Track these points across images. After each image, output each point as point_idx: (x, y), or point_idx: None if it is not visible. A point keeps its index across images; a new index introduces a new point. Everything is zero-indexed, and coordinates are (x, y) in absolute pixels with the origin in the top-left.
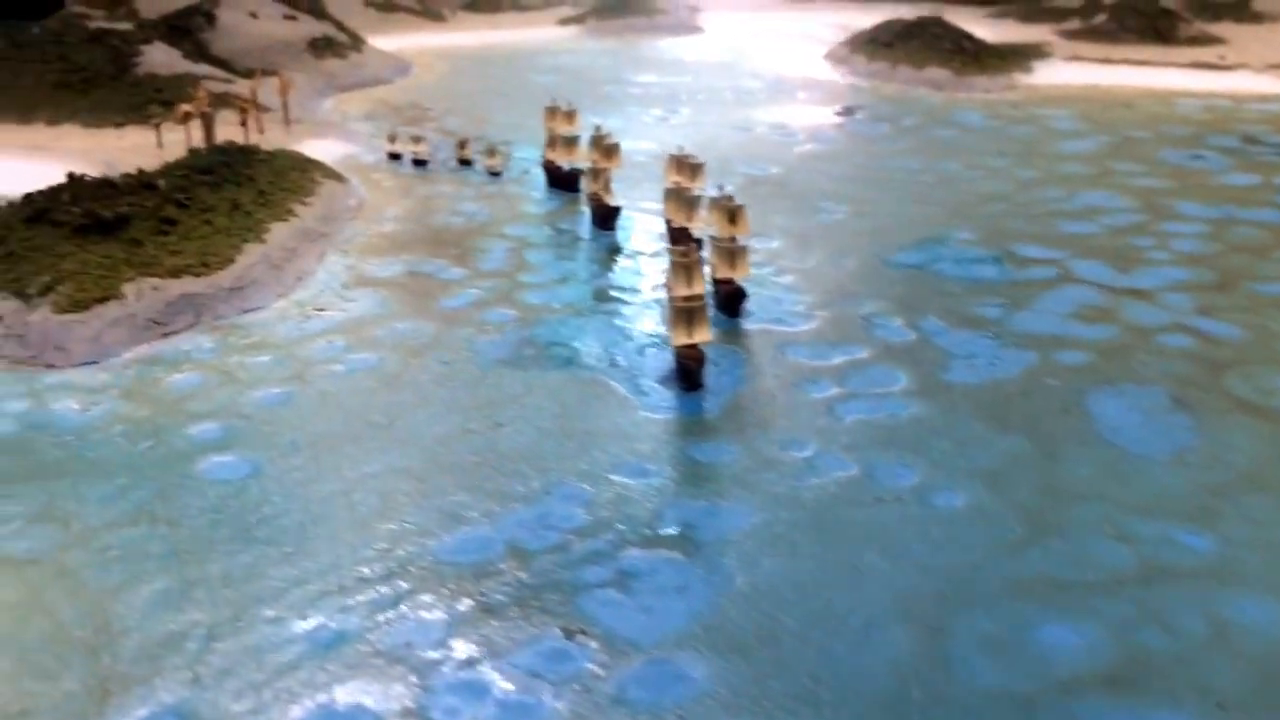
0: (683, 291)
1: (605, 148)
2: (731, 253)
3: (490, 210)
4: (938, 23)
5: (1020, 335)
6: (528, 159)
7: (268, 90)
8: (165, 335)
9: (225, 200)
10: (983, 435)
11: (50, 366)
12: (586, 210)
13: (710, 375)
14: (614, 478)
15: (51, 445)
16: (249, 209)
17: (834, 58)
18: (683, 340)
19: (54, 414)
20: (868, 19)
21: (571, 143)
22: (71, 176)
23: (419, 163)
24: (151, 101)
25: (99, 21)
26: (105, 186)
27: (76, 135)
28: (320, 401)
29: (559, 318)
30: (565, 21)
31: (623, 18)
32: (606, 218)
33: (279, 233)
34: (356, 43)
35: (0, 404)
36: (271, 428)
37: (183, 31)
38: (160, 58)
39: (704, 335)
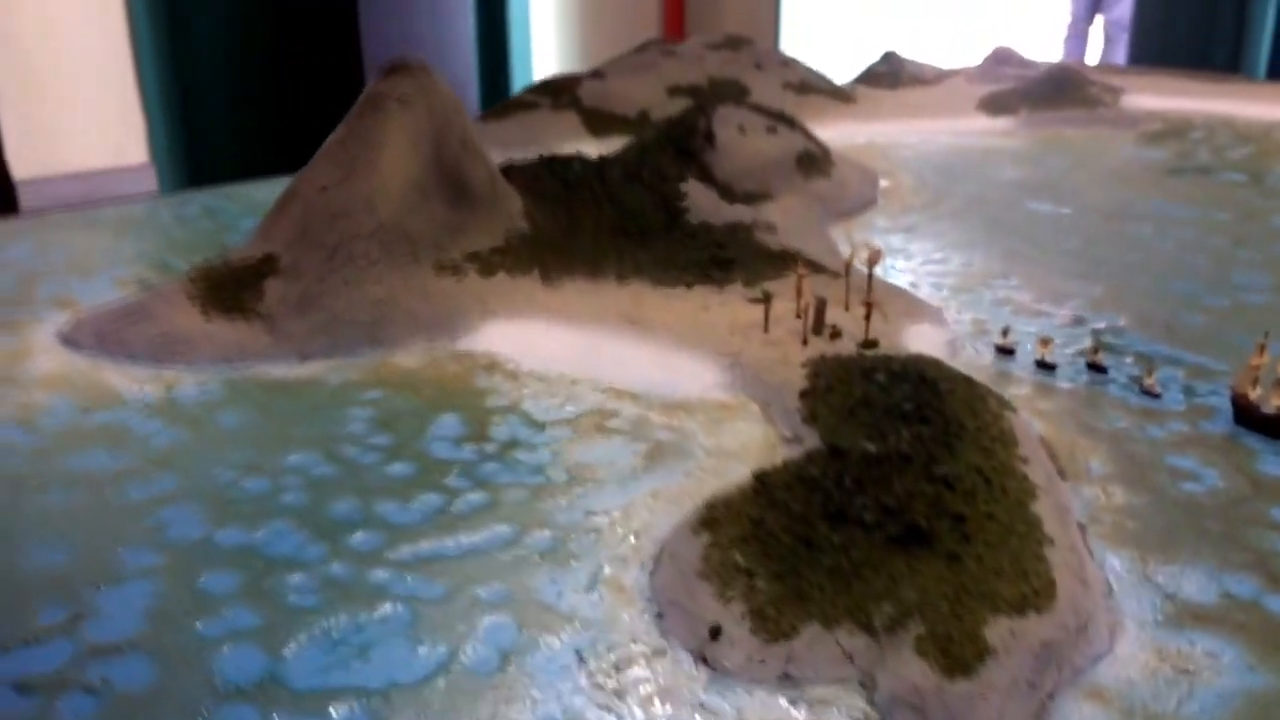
0: None
1: None
2: None
3: (1212, 469)
4: None
5: None
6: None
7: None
8: (1043, 705)
9: (971, 470)
10: None
11: None
12: None
13: None
14: None
15: None
16: (1000, 482)
17: None
18: None
19: None
20: None
21: None
22: (834, 450)
23: (1045, 366)
24: (715, 260)
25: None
26: (873, 464)
27: (654, 300)
28: None
29: None
30: (992, 111)
31: (1057, 109)
32: None
33: (1049, 521)
34: (826, 153)
35: None
36: None
37: (685, 153)
38: (702, 201)
39: None
